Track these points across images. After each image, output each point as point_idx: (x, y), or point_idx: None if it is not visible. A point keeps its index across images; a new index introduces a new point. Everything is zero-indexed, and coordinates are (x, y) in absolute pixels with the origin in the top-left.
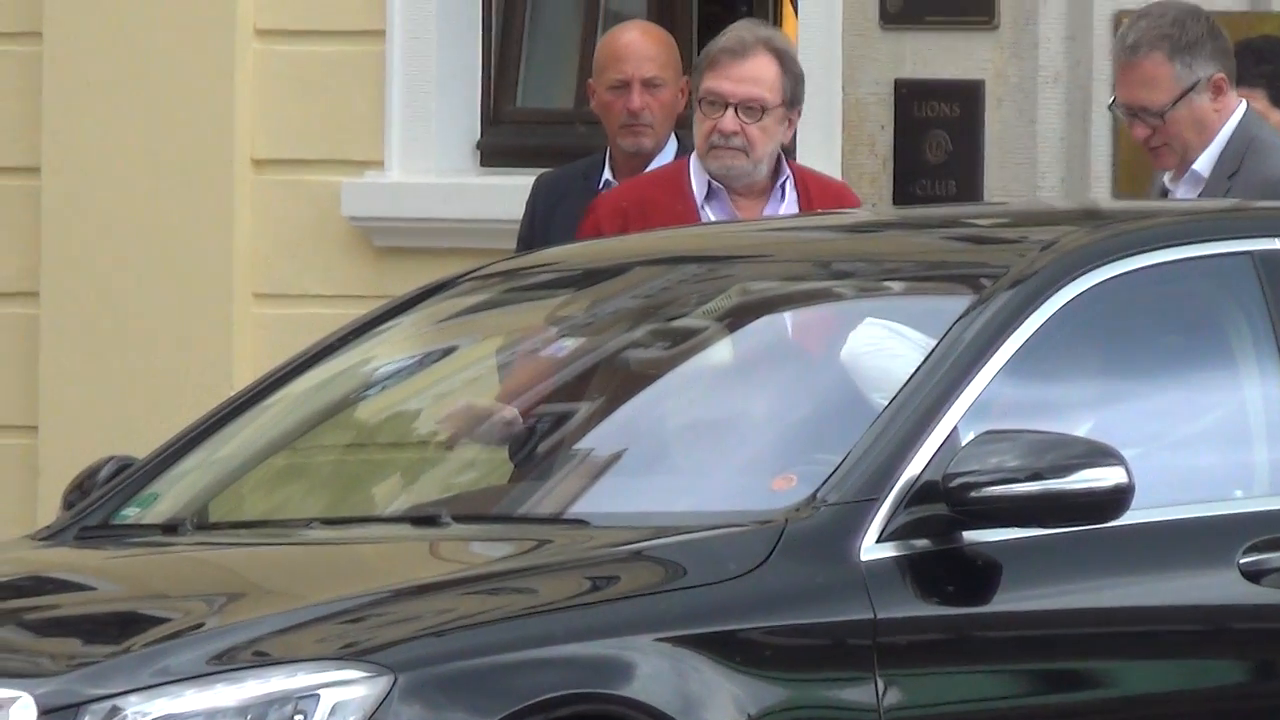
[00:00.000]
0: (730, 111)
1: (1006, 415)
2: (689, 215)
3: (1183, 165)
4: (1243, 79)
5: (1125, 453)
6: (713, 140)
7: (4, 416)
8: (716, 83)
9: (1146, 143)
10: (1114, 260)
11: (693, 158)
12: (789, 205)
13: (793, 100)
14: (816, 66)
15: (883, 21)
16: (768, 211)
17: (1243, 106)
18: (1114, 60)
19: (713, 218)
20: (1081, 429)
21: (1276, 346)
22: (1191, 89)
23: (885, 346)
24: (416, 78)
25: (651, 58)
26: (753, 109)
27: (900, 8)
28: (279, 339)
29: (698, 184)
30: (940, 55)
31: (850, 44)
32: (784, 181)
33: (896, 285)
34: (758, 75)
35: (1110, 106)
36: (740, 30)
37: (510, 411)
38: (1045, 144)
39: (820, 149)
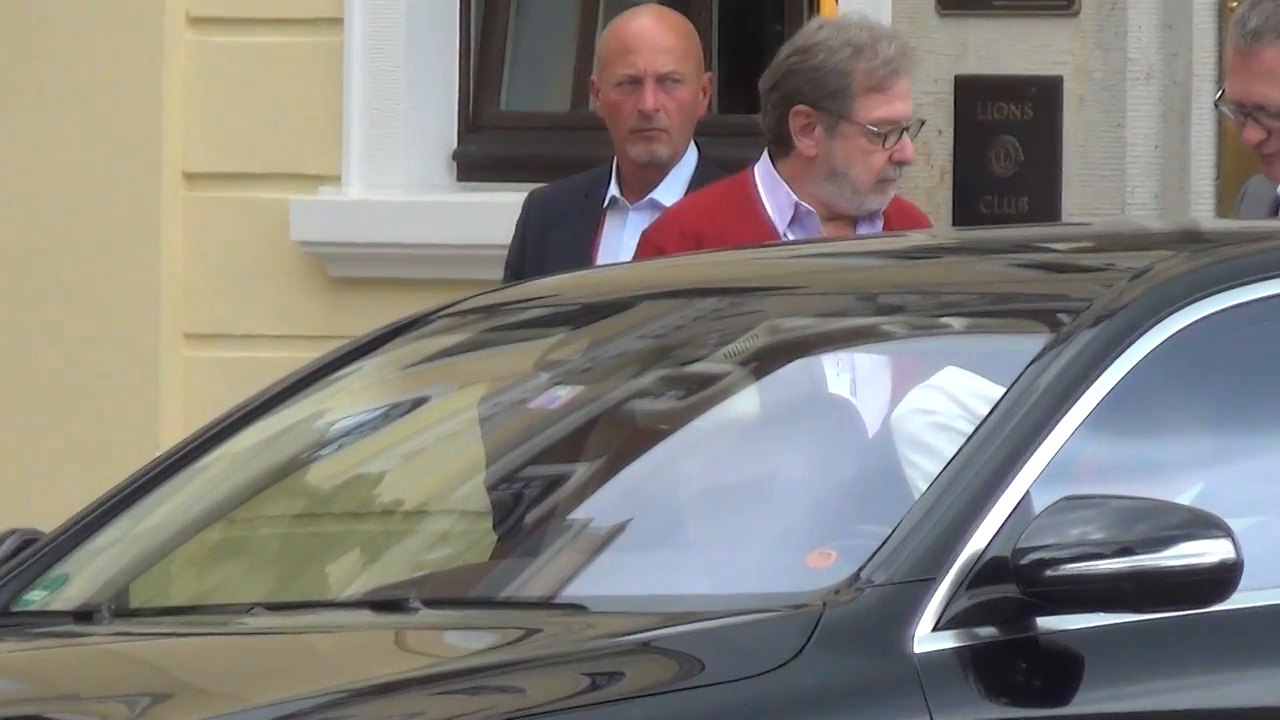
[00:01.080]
0: (906, 137)
1: (1090, 478)
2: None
3: None
4: None
5: (1233, 523)
6: (886, 173)
7: None
8: (892, 106)
9: (1259, 148)
10: (1219, 292)
11: (757, 172)
12: (876, 229)
13: None
14: None
15: (940, 7)
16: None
17: None
18: (1228, 48)
19: None
20: (1180, 494)
21: None
22: None
23: (938, 414)
24: (381, 75)
25: (668, 49)
26: (910, 128)
27: None
28: (215, 387)
29: (778, 206)
30: (1010, 47)
31: (902, 33)
32: None
33: (956, 322)
34: (910, 86)
35: (1217, 103)
36: (890, 41)
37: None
38: (1136, 153)
39: None
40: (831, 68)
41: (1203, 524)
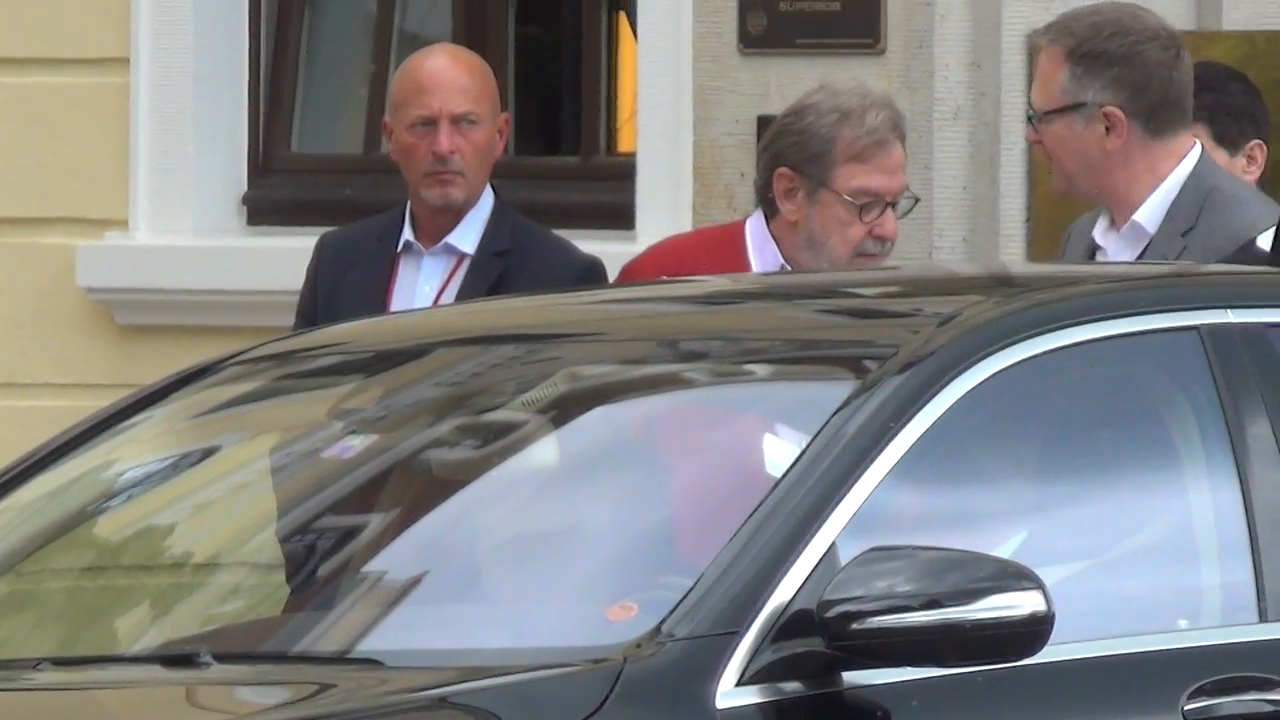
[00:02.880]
0: (890, 212)
1: (897, 528)
2: None
3: (1073, 189)
4: None
5: (1044, 574)
6: (866, 248)
7: None
8: (871, 178)
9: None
10: (1029, 338)
11: (749, 226)
12: None
13: None
14: (662, 102)
15: (742, 45)
16: None
17: (1196, 150)
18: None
19: None
20: (990, 545)
21: (1230, 443)
22: (1072, 108)
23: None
24: (169, 117)
25: (463, 89)
26: (897, 204)
27: (764, 29)
28: (1, 437)
29: (764, 264)
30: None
31: (703, 73)
32: None
33: (761, 370)
34: (903, 158)
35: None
36: (881, 109)
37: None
38: (944, 194)
39: (665, 203)
40: (815, 132)
41: (1013, 576)
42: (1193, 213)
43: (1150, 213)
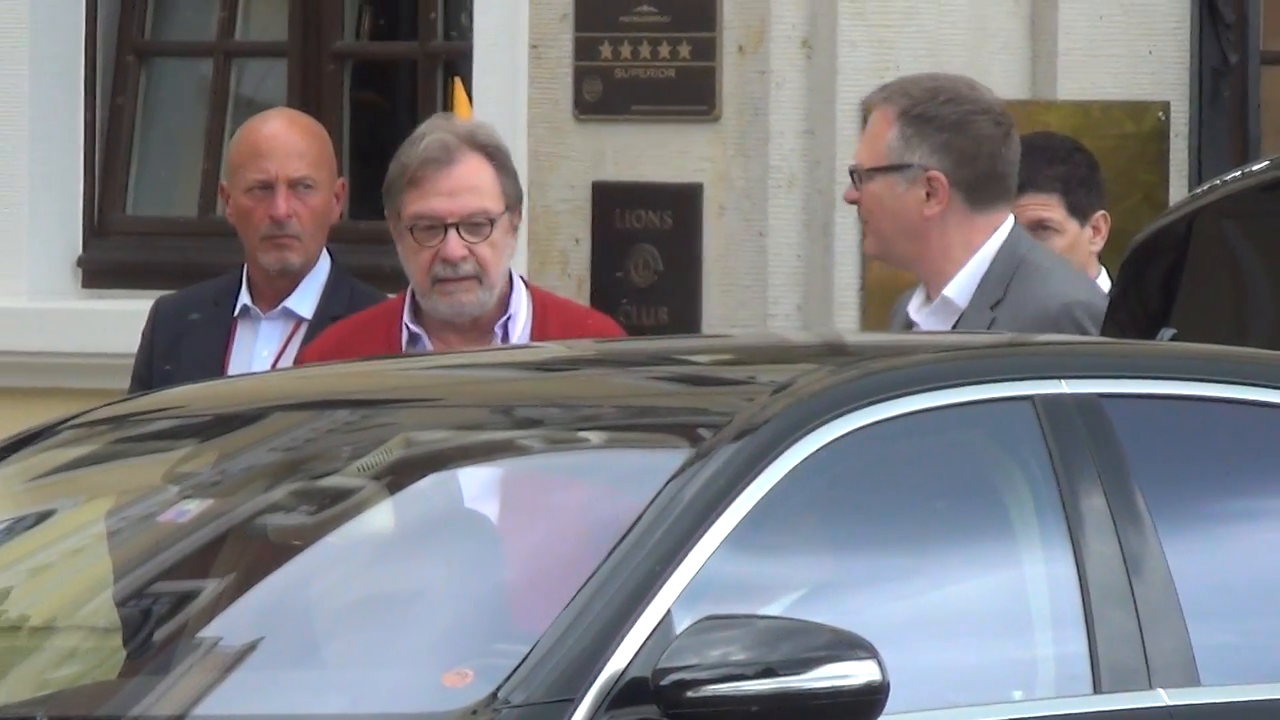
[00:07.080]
0: (453, 234)
1: (732, 597)
2: None
3: (887, 254)
4: (1032, 183)
5: (879, 644)
6: (436, 273)
7: None
8: (427, 202)
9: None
10: (863, 407)
11: (408, 296)
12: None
13: (514, 202)
14: None
15: (578, 111)
16: None
17: (1009, 224)
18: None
19: None
20: (825, 614)
21: (1063, 513)
22: (896, 168)
23: None
24: (3, 178)
25: (300, 153)
26: (479, 224)
27: (599, 95)
28: None
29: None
30: (649, 153)
31: (538, 139)
32: (507, 319)
33: (595, 437)
34: (475, 183)
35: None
36: (437, 132)
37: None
38: (778, 262)
39: None
40: (396, 161)
41: (848, 645)
42: (1001, 286)
43: (960, 287)
